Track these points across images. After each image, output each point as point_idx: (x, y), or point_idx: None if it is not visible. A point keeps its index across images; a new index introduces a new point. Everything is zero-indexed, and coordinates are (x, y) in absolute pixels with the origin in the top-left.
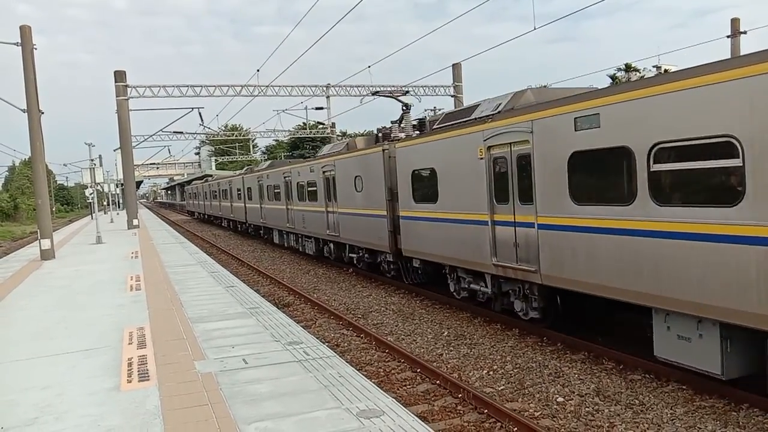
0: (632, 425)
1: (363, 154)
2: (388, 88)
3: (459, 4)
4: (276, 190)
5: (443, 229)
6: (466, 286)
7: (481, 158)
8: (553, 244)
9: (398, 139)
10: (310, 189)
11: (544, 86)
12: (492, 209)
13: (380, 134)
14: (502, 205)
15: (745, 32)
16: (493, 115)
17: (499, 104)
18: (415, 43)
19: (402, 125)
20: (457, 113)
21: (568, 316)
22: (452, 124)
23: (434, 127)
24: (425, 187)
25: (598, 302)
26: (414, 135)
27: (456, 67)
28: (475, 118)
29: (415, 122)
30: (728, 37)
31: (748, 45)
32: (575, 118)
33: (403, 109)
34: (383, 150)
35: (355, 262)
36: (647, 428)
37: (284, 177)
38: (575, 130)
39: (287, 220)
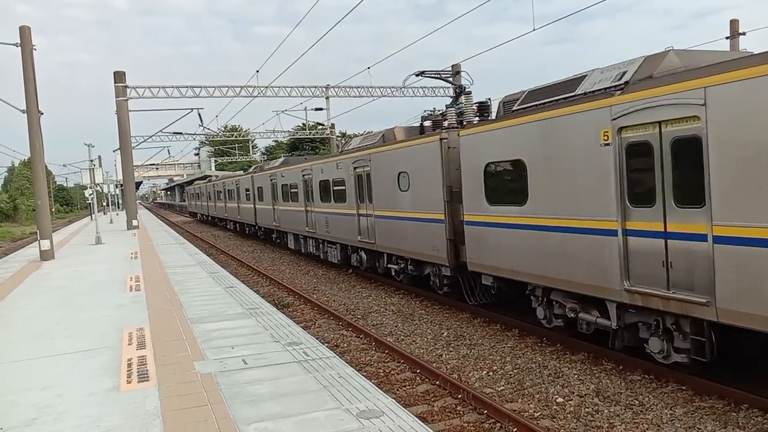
0: (632, 426)
1: (411, 145)
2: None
3: (458, 5)
4: (293, 190)
5: (535, 240)
6: (570, 314)
7: (607, 144)
8: (744, 267)
9: (458, 127)
10: (336, 188)
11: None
12: (623, 214)
13: (426, 122)
14: (641, 209)
15: (744, 33)
16: (621, 86)
17: (623, 72)
18: (416, 43)
19: (459, 109)
20: (550, 89)
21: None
22: (547, 103)
23: (516, 108)
24: (506, 184)
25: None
26: (475, 121)
27: (455, 68)
28: (586, 93)
29: (475, 105)
30: (727, 38)
31: (747, 46)
32: None
33: (457, 91)
34: (441, 139)
35: (394, 274)
36: (647, 429)
37: (303, 175)
38: None
39: (306, 223)
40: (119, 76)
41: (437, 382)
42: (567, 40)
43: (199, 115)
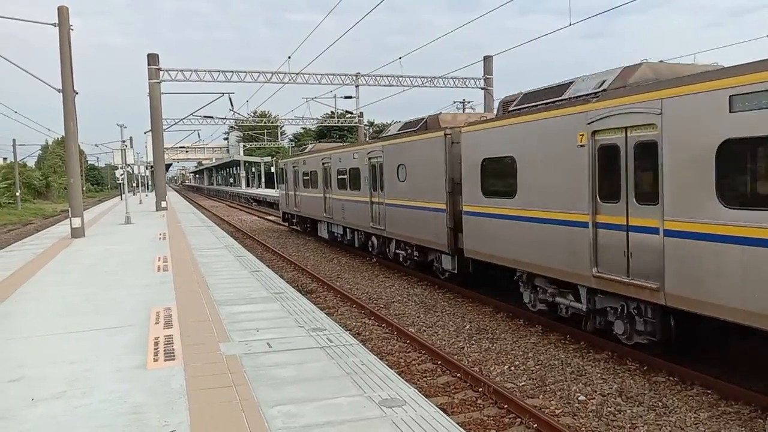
0: (654, 427)
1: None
2: None
3: None
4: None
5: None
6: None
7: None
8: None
9: None
10: None
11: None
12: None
13: None
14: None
15: None
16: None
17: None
18: (447, 35)
19: None
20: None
21: None
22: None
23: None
24: None
25: None
26: None
27: (487, 61)
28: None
29: None
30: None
31: None
32: None
33: None
34: None
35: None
36: (670, 431)
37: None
38: None
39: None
40: (152, 59)
41: (458, 375)
42: (600, 35)
43: (230, 99)
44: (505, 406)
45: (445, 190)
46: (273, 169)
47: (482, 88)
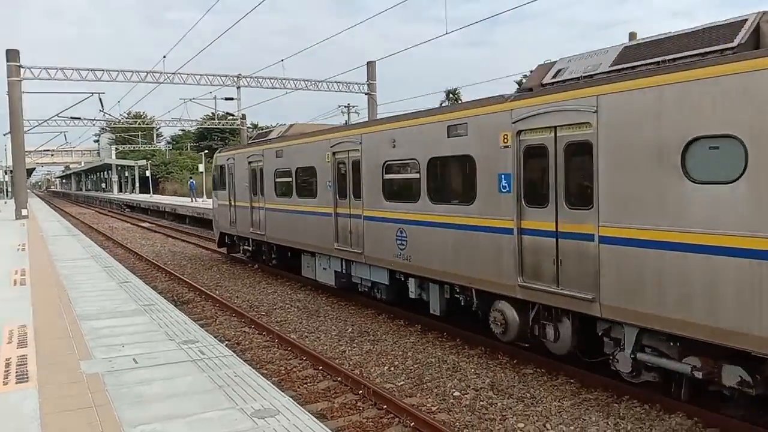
0: (522, 417)
1: None
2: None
3: (375, 1)
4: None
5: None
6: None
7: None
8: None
9: None
10: None
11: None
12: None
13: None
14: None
15: None
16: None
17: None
18: (332, 38)
19: None
20: None
21: None
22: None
23: None
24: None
25: None
26: None
27: (370, 66)
28: None
29: None
30: None
31: None
32: None
33: None
34: None
35: None
36: (536, 420)
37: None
38: None
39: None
40: (12, 55)
41: (339, 379)
42: (483, 44)
43: (100, 99)
44: (384, 406)
45: None
46: (146, 174)
47: (366, 93)
